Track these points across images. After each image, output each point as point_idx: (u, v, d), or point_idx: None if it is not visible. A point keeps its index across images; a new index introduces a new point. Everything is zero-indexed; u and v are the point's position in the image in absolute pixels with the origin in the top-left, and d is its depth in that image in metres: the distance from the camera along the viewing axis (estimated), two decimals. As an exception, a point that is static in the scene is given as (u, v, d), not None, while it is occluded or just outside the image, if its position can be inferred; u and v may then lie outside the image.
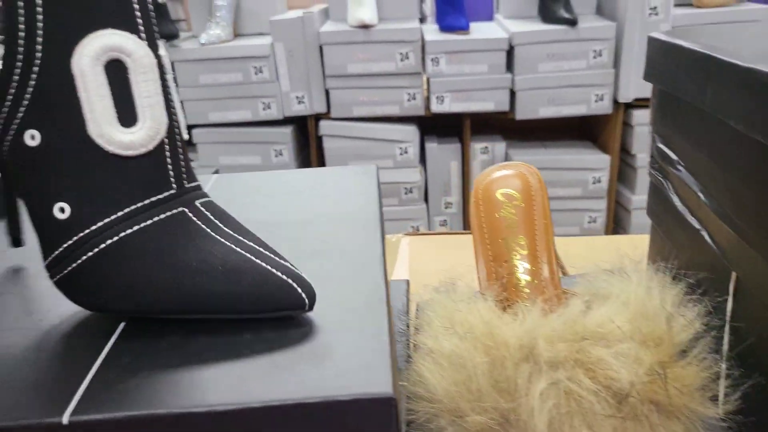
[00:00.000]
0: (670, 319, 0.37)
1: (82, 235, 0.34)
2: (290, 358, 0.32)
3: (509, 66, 1.85)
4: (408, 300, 0.65)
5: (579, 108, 1.85)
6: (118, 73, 0.34)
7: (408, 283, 0.68)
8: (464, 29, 1.84)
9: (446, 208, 2.02)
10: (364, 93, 1.87)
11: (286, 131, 1.92)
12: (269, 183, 0.59)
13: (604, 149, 1.93)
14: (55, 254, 0.35)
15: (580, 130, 2.13)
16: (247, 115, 1.89)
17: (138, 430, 0.29)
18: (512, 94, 1.86)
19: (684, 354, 0.37)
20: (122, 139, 0.34)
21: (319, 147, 1.96)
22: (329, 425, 0.30)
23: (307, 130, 1.98)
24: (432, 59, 1.82)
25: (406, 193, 1.96)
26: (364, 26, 1.79)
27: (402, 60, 1.82)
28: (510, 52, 1.83)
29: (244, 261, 0.36)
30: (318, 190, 0.56)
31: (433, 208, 2.01)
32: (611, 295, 0.39)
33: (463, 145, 1.95)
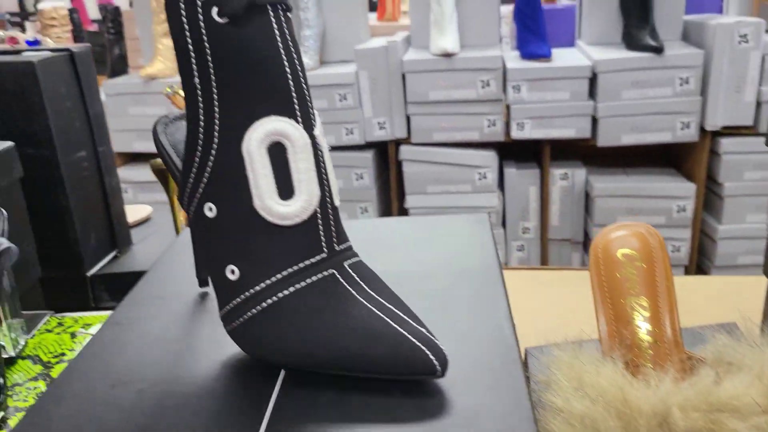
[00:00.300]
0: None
1: (248, 294, 0.39)
2: (442, 423, 0.35)
3: (591, 93, 1.84)
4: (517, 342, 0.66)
5: (664, 135, 1.82)
6: (279, 154, 0.38)
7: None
8: (546, 57, 1.85)
9: (524, 233, 2.02)
10: (445, 119, 1.90)
11: (368, 156, 1.96)
12: (386, 231, 0.62)
13: (689, 177, 1.90)
14: (227, 308, 0.40)
15: (663, 158, 2.09)
16: (331, 140, 1.94)
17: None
18: (594, 121, 1.85)
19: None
20: (281, 211, 0.38)
21: (399, 171, 2.00)
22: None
23: (387, 154, 2.01)
24: (513, 86, 1.84)
25: (484, 218, 1.96)
26: (447, 55, 1.82)
27: (483, 87, 1.84)
28: (593, 80, 1.82)
29: (383, 325, 0.39)
30: (434, 240, 0.59)
31: (511, 233, 2.01)
32: (743, 365, 0.40)
33: (542, 170, 1.95)
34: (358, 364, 0.38)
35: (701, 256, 1.96)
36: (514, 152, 2.05)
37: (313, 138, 0.39)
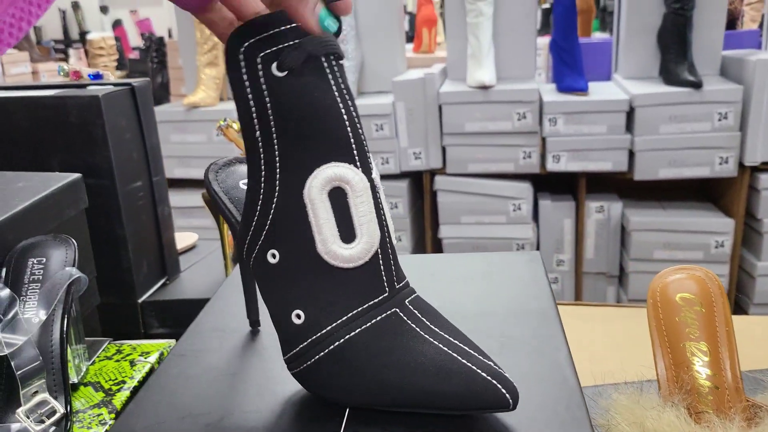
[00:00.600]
0: None
1: (314, 337, 0.40)
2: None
3: (629, 127, 1.84)
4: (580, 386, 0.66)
5: (702, 170, 1.81)
6: (340, 199, 0.39)
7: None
8: (584, 91, 1.85)
9: (558, 265, 2.01)
10: (480, 150, 1.91)
11: (402, 185, 1.98)
12: (440, 267, 0.63)
13: (727, 212, 1.88)
14: (293, 352, 0.41)
15: (700, 192, 2.07)
16: (366, 169, 1.96)
17: None
18: (631, 154, 1.84)
19: None
20: (343, 254, 0.39)
21: (433, 201, 2.01)
22: None
23: (421, 184, 2.03)
24: (549, 119, 1.84)
25: (517, 249, 1.96)
26: (484, 87, 1.84)
27: (519, 119, 1.85)
28: (630, 114, 1.82)
29: (451, 361, 0.39)
30: (489, 278, 0.60)
31: (545, 265, 2.00)
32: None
33: (577, 203, 1.95)
34: (429, 401, 0.39)
35: (739, 293, 1.93)
36: (549, 184, 2.05)
37: (371, 181, 0.40)
